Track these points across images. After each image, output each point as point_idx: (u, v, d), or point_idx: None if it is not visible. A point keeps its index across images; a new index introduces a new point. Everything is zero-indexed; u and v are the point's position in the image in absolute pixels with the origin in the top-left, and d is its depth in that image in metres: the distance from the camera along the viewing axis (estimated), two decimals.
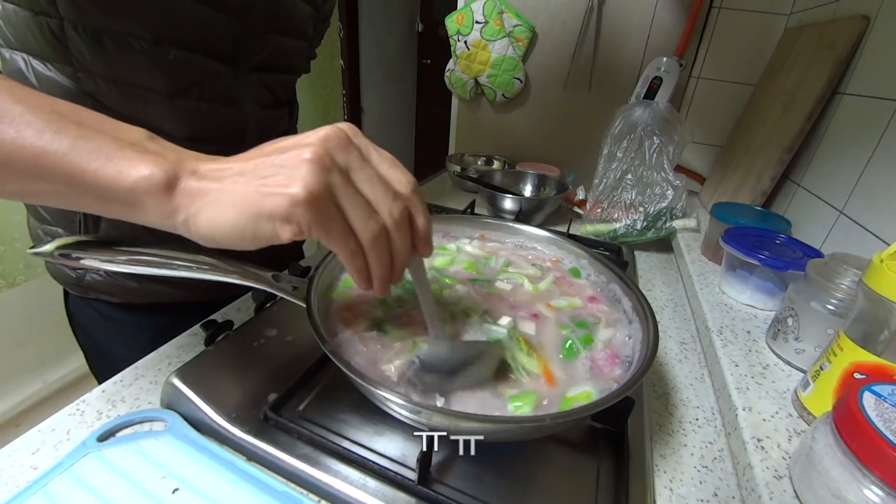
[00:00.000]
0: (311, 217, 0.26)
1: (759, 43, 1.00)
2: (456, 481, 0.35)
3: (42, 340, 1.38)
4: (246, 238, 0.27)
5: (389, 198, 0.29)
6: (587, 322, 0.46)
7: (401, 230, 0.30)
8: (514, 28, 1.14)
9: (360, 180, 0.28)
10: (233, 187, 0.27)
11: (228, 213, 0.27)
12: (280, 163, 0.27)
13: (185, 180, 0.28)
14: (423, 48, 3.17)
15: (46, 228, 0.53)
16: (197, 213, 0.27)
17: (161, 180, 0.27)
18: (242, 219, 0.27)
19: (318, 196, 0.26)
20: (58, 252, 0.35)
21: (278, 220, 0.26)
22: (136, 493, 0.33)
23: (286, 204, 0.26)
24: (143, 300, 0.58)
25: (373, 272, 0.31)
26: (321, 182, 0.26)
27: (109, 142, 0.27)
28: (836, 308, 0.45)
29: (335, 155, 0.27)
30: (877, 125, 0.58)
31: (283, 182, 0.26)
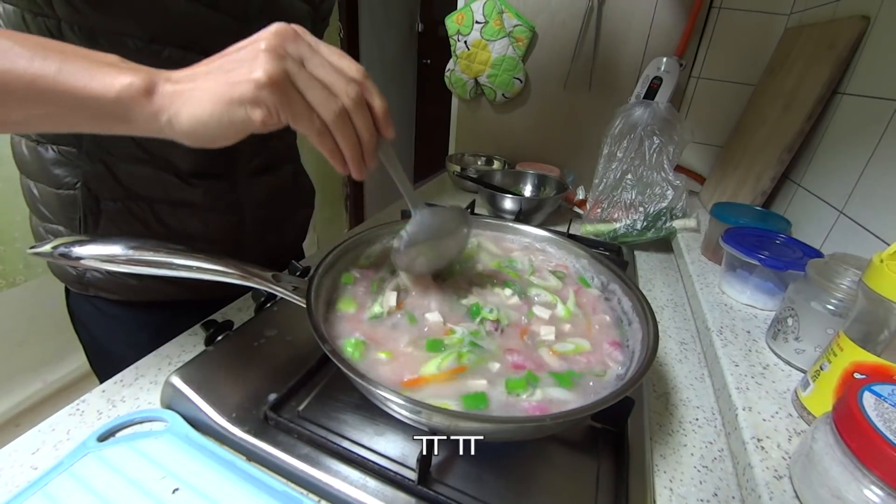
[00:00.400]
0: (276, 98, 0.30)
1: (759, 43, 1.00)
2: (456, 481, 0.35)
3: (42, 340, 1.38)
4: (223, 126, 0.30)
5: (343, 81, 0.32)
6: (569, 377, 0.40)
7: (360, 109, 0.33)
8: (514, 28, 1.14)
9: (313, 67, 0.32)
10: (204, 84, 0.30)
11: (205, 106, 0.30)
12: (240, 57, 0.30)
13: (161, 85, 0.31)
14: (423, 48, 3.16)
15: (48, 226, 0.54)
16: (178, 112, 0.30)
17: (141, 86, 0.30)
18: (218, 108, 0.30)
19: (278, 79, 0.29)
20: (57, 252, 0.35)
21: (248, 104, 0.30)
22: (135, 493, 0.33)
23: (252, 88, 0.29)
24: (143, 297, 0.58)
25: (344, 152, 0.34)
26: (279, 67, 0.30)
27: (91, 62, 0.30)
28: (836, 308, 0.45)
29: (287, 46, 0.31)
30: (877, 125, 0.58)
31: (246, 71, 0.29)
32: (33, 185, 0.53)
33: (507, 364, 0.40)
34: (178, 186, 0.54)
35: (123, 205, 0.52)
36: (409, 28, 3.07)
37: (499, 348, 0.42)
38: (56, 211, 0.52)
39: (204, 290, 0.57)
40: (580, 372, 0.40)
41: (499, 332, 0.43)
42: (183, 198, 0.55)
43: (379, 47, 2.80)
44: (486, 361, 0.40)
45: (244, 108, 0.30)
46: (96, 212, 0.51)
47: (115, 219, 0.52)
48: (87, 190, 0.50)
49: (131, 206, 0.53)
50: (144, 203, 0.53)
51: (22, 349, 1.36)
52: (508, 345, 0.42)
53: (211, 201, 0.57)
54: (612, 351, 0.43)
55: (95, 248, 0.36)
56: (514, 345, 0.43)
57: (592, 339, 0.45)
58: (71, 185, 0.50)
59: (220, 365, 0.45)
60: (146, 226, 0.54)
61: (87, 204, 0.51)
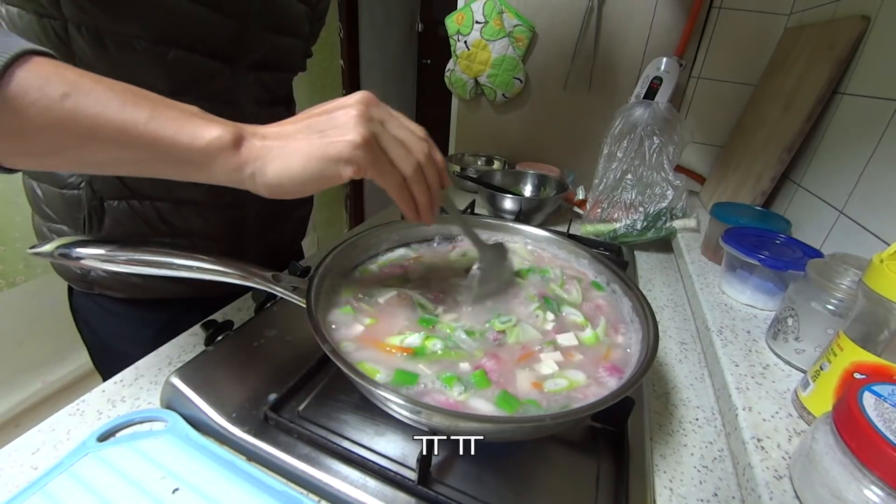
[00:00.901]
0: (368, 157, 0.33)
1: (759, 43, 1.00)
2: (456, 481, 0.35)
3: (42, 340, 1.38)
4: (311, 180, 0.33)
5: (416, 139, 0.36)
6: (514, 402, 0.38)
7: (431, 164, 0.38)
8: (514, 28, 1.14)
9: (392, 128, 0.35)
10: (295, 142, 0.33)
11: (297, 162, 0.33)
12: (332, 119, 0.33)
13: (249, 139, 0.33)
14: (423, 48, 3.17)
15: (51, 226, 0.54)
16: (264, 166, 0.33)
17: (229, 139, 0.32)
18: (311, 164, 0.32)
19: (370, 140, 0.33)
20: (58, 252, 0.35)
21: (342, 162, 0.33)
22: (135, 493, 0.33)
23: (349, 148, 0.32)
24: (146, 295, 0.59)
25: (418, 201, 0.38)
26: (370, 130, 0.33)
27: (180, 112, 0.32)
28: (836, 308, 0.45)
29: (372, 111, 0.34)
30: (877, 125, 0.58)
31: (341, 133, 0.33)
32: (37, 185, 0.53)
33: (475, 367, 0.39)
34: (181, 185, 0.53)
35: (127, 204, 0.52)
36: (409, 28, 3.07)
37: (483, 354, 0.41)
38: (60, 210, 0.52)
39: (208, 288, 0.58)
40: (534, 400, 0.37)
41: (496, 343, 0.43)
42: (186, 196, 0.55)
43: (379, 47, 2.80)
44: (458, 358, 0.40)
45: (337, 166, 0.33)
46: (100, 211, 0.51)
47: (120, 218, 0.52)
48: (92, 189, 0.50)
49: (135, 205, 0.53)
50: (148, 202, 0.53)
51: (22, 349, 1.36)
52: (495, 354, 0.41)
53: (214, 199, 0.57)
54: (605, 377, 0.40)
55: (96, 248, 0.36)
56: (501, 358, 0.41)
57: (599, 369, 0.41)
58: (75, 185, 0.51)
59: (220, 365, 0.45)
60: (150, 224, 0.54)
61: (92, 203, 0.51)
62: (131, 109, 0.30)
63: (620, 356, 0.43)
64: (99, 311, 0.60)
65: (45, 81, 0.28)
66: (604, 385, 0.39)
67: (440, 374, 0.38)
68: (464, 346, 0.42)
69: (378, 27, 2.75)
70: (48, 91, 0.28)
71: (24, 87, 0.27)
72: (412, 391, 0.37)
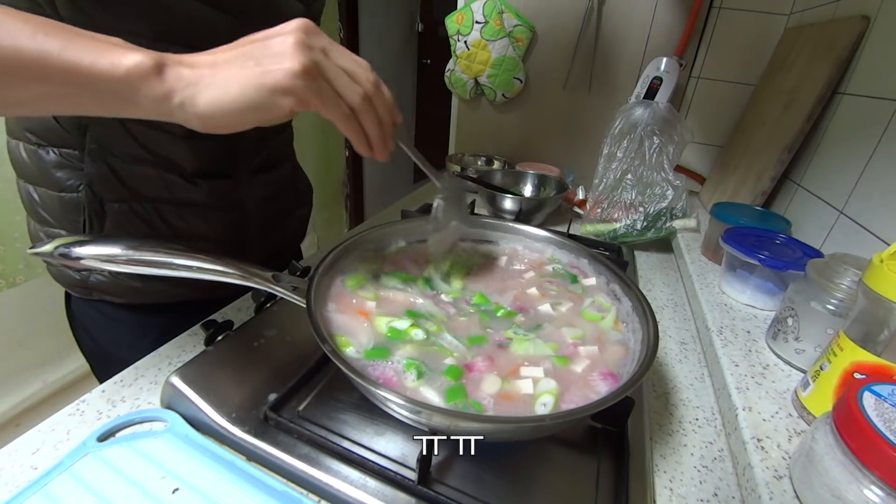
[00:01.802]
0: (308, 87, 0.31)
1: (759, 43, 1.00)
2: (456, 481, 0.35)
3: (42, 340, 1.38)
4: (246, 111, 0.31)
5: (363, 69, 0.35)
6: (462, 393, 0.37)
7: (380, 95, 0.36)
8: (514, 28, 1.14)
9: (336, 57, 0.34)
10: (229, 70, 0.31)
11: (232, 91, 0.30)
12: (270, 46, 0.31)
13: (173, 66, 0.31)
14: (423, 48, 3.16)
15: (48, 231, 0.53)
16: (195, 95, 0.30)
17: (150, 65, 0.30)
18: (246, 93, 0.30)
19: (311, 69, 0.31)
20: (58, 252, 0.35)
21: (280, 92, 0.31)
22: (135, 493, 0.33)
23: (287, 76, 0.30)
24: (147, 300, 0.58)
25: (369, 133, 0.36)
26: (310, 58, 0.31)
27: (97, 41, 0.30)
28: (836, 308, 0.45)
29: (312, 39, 0.32)
30: (877, 125, 0.58)
31: (278, 60, 0.31)
32: (33, 189, 0.52)
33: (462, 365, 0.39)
34: (182, 186, 0.54)
35: (128, 206, 0.52)
36: (409, 28, 3.07)
37: (471, 357, 0.40)
38: (58, 215, 0.52)
39: (208, 290, 0.58)
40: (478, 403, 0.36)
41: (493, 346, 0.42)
42: (187, 198, 0.55)
43: (379, 47, 2.80)
44: (440, 352, 0.40)
45: (275, 96, 0.31)
46: (101, 214, 0.51)
47: (120, 220, 0.52)
48: (91, 192, 0.50)
49: (136, 208, 0.52)
50: (149, 204, 0.53)
51: (22, 349, 1.35)
52: (481, 358, 0.40)
53: (215, 200, 0.57)
54: (598, 382, 0.39)
55: (95, 248, 0.36)
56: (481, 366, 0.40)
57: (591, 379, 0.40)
58: (74, 188, 0.50)
59: (220, 365, 0.45)
60: (151, 226, 0.54)
61: (92, 206, 0.50)
62: (43, 39, 0.28)
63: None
64: (98, 317, 0.59)
65: None
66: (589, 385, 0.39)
67: (408, 358, 0.39)
68: (445, 343, 0.42)
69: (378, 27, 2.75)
70: None
71: None
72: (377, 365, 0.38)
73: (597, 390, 0.38)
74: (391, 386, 0.36)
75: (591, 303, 0.49)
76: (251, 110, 0.31)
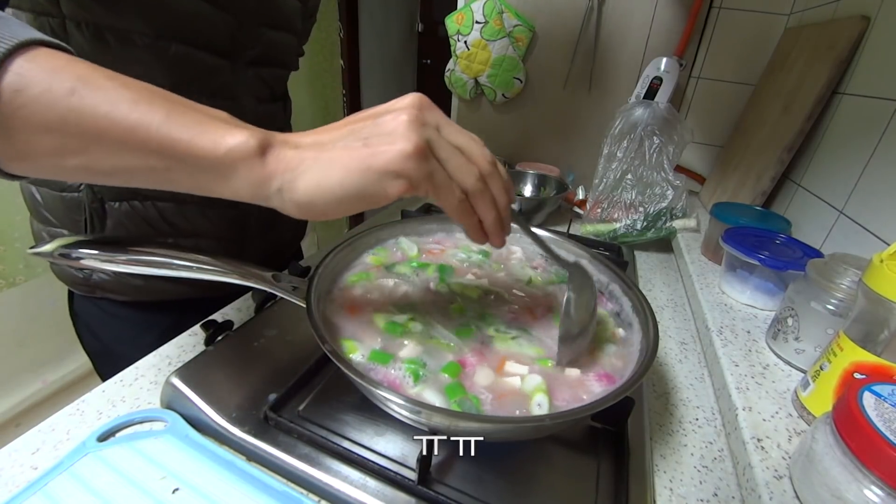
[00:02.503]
0: (420, 168, 0.28)
1: (759, 43, 1.00)
2: (456, 481, 0.35)
3: (42, 340, 1.38)
4: (350, 198, 0.28)
5: (477, 146, 0.32)
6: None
7: (496, 175, 0.32)
8: (514, 28, 1.14)
9: (449, 134, 0.30)
10: (333, 152, 0.28)
11: (334, 175, 0.28)
12: (379, 125, 0.29)
13: (278, 148, 0.29)
14: (423, 48, 3.17)
15: (51, 230, 0.54)
16: (294, 179, 0.28)
17: (255, 146, 0.28)
18: (351, 178, 0.28)
19: (423, 149, 0.28)
20: (58, 252, 0.35)
21: (390, 175, 0.28)
22: (135, 493, 0.33)
23: (398, 159, 0.27)
24: (150, 297, 0.58)
25: (484, 220, 0.33)
26: (423, 137, 0.28)
27: (201, 115, 0.28)
28: (836, 308, 0.45)
29: (426, 115, 0.29)
30: (877, 125, 0.58)
31: (389, 141, 0.28)
32: (35, 189, 0.53)
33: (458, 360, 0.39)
34: None
35: (129, 204, 0.52)
36: (409, 28, 3.07)
37: (467, 350, 0.40)
38: (60, 214, 0.52)
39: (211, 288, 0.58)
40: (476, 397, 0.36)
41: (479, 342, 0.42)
42: (188, 195, 0.55)
43: (379, 47, 2.81)
44: (438, 346, 0.40)
45: (383, 181, 0.28)
46: (101, 213, 0.51)
47: (121, 219, 0.52)
48: (92, 191, 0.50)
49: (137, 206, 0.53)
50: (150, 202, 0.53)
51: (22, 349, 1.36)
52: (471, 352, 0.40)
53: (215, 198, 0.57)
54: (594, 384, 0.38)
55: (95, 248, 0.36)
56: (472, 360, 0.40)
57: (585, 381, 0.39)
58: (75, 188, 0.50)
59: (220, 365, 0.45)
60: (152, 225, 0.54)
61: (93, 206, 0.51)
62: (145, 109, 0.26)
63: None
64: (101, 315, 0.59)
65: (52, 75, 0.25)
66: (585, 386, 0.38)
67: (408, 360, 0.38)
68: (441, 336, 0.41)
69: (378, 27, 2.75)
70: (54, 85, 0.25)
71: (28, 80, 0.24)
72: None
73: (590, 390, 0.38)
74: (395, 388, 0.35)
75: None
76: (355, 195, 0.28)
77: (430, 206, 0.93)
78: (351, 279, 0.48)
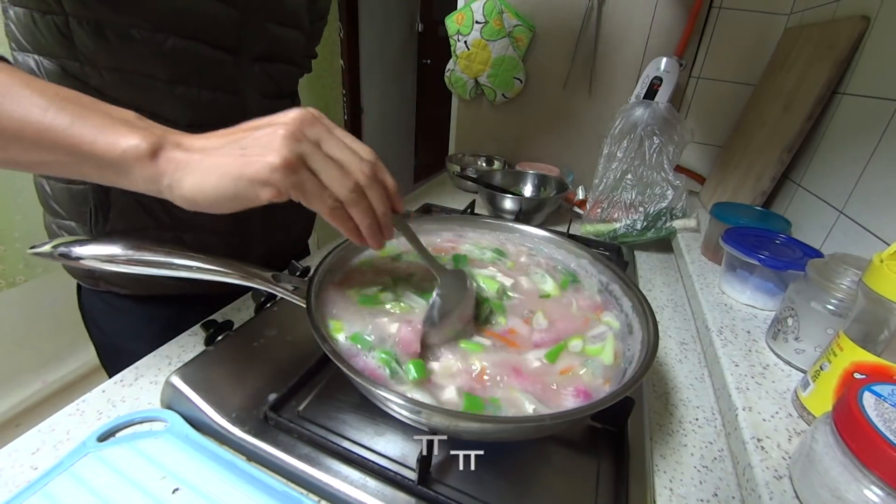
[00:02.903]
0: (287, 181, 0.31)
1: (759, 43, 1.00)
2: (456, 481, 0.35)
3: (42, 340, 1.38)
4: (226, 199, 0.32)
5: (357, 160, 0.34)
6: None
7: (374, 185, 0.35)
8: (514, 28, 1.14)
9: (329, 148, 0.33)
10: (214, 157, 0.32)
11: (211, 179, 0.32)
12: (258, 137, 0.32)
13: (169, 150, 0.32)
14: (423, 48, 3.17)
15: (60, 223, 0.54)
16: (181, 179, 0.32)
17: (147, 149, 0.32)
18: (225, 182, 0.31)
19: (292, 162, 0.31)
20: (57, 252, 0.35)
21: (258, 184, 0.31)
22: (136, 493, 0.33)
23: (265, 170, 0.31)
24: (150, 291, 0.59)
25: (360, 224, 0.36)
26: (294, 151, 0.31)
27: (104, 118, 0.32)
28: (836, 308, 0.45)
29: (306, 130, 0.33)
30: (877, 125, 0.58)
31: (261, 152, 0.31)
32: (45, 182, 0.53)
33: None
34: None
35: (133, 196, 0.52)
36: (409, 28, 3.07)
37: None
38: (67, 206, 0.53)
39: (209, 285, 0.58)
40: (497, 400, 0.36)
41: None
42: None
43: (379, 47, 2.81)
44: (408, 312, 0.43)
45: (252, 187, 0.31)
46: (105, 204, 0.52)
47: (125, 210, 0.52)
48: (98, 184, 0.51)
49: (140, 198, 0.53)
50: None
51: (22, 349, 1.36)
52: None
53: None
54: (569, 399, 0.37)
55: (95, 248, 0.36)
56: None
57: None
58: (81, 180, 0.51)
59: (220, 365, 0.45)
60: (154, 217, 0.54)
61: (97, 196, 0.51)
62: (53, 114, 0.31)
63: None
64: (105, 308, 0.60)
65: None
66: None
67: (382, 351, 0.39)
68: (414, 304, 0.44)
69: (378, 27, 2.75)
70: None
71: None
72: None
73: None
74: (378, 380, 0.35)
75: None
76: (229, 198, 0.32)
77: (430, 206, 0.93)
78: (358, 262, 0.50)
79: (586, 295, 0.51)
